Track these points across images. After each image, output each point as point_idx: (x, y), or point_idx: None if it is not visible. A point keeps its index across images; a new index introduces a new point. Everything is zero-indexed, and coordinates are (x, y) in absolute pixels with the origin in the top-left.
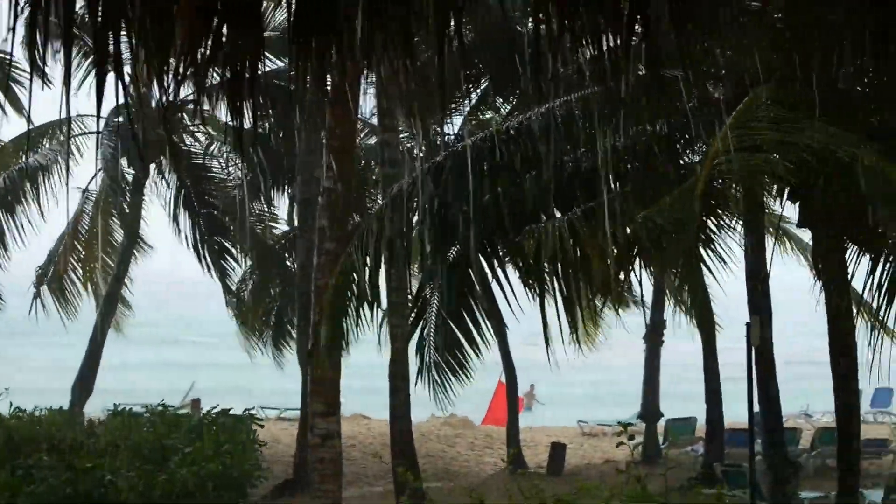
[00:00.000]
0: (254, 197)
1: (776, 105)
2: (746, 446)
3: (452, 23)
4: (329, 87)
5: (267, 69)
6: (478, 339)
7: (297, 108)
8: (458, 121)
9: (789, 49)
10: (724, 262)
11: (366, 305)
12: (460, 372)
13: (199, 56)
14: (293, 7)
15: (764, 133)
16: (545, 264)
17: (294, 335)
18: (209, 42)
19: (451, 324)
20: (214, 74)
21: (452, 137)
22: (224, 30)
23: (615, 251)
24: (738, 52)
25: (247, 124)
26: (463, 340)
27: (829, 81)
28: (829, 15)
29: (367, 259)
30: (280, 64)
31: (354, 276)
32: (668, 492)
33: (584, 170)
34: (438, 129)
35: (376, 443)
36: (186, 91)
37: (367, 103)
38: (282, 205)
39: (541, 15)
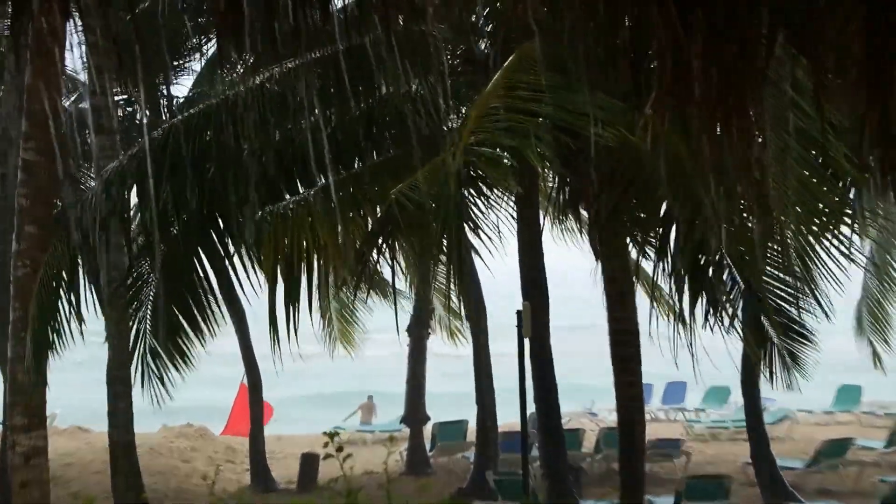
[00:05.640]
0: None
1: (544, 66)
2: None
3: None
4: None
5: None
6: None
7: None
8: (190, 81)
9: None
10: (489, 243)
11: (78, 300)
12: (180, 361)
13: None
14: None
15: (526, 103)
16: (279, 249)
17: None
18: None
19: (175, 312)
20: None
21: (182, 101)
22: None
23: (359, 233)
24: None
25: None
26: (187, 327)
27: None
28: None
29: (77, 246)
30: None
31: (63, 266)
32: None
33: (328, 139)
34: (164, 91)
35: (98, 460)
36: None
37: (78, 58)
38: None
39: None
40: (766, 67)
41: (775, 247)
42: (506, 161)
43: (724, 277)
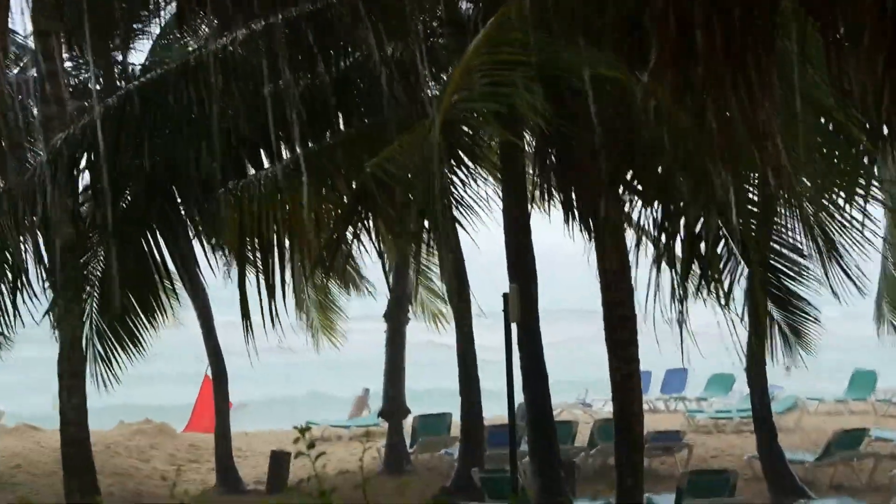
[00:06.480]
0: None
1: (531, 25)
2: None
3: None
4: None
5: None
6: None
7: None
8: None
9: None
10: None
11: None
12: (130, 345)
13: None
14: None
15: (515, 57)
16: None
17: None
18: None
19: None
20: None
21: (138, 68)
22: None
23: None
24: None
25: None
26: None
27: None
28: None
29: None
30: None
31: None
32: None
33: (298, 108)
34: (119, 56)
35: (50, 460)
36: None
37: (24, 21)
38: None
39: None
40: (774, 25)
41: (780, 218)
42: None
43: (721, 249)
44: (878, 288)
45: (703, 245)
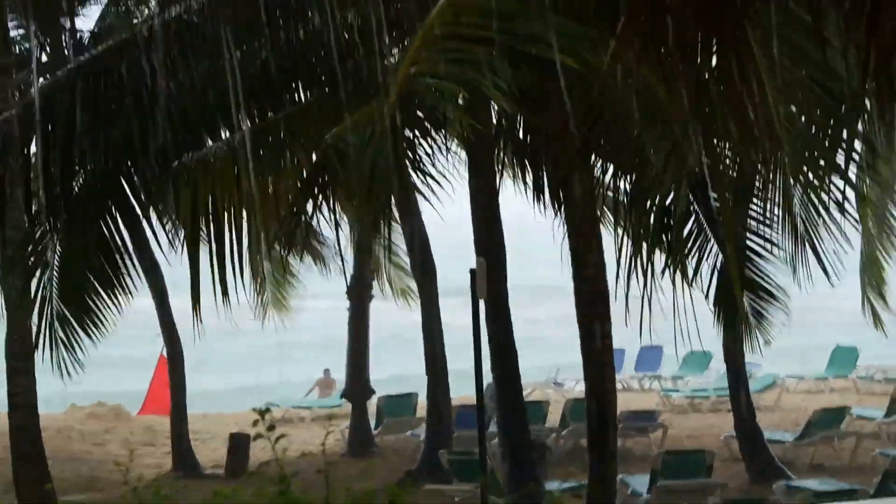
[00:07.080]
0: None
1: None
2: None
3: None
4: None
5: None
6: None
7: None
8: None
9: None
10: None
11: None
12: (92, 328)
13: None
14: None
15: (476, 29)
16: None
17: None
18: None
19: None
20: None
21: (87, 36)
22: None
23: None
24: None
25: None
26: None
27: None
28: None
29: None
30: None
31: None
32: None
33: (255, 77)
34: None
35: None
36: None
37: None
38: None
39: None
40: None
41: (758, 192)
42: (455, 93)
43: (692, 225)
44: (861, 263)
45: (671, 220)
